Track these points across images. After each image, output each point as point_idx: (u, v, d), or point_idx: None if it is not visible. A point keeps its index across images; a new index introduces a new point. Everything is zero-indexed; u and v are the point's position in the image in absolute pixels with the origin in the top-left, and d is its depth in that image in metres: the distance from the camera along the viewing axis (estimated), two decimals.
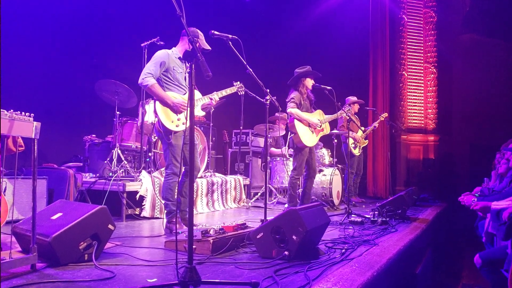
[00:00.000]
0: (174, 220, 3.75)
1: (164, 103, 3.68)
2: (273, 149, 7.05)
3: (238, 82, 4.34)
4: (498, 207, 2.53)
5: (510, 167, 3.71)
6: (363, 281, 2.28)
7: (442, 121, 9.44)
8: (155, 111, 3.73)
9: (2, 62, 2.72)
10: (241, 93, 4.38)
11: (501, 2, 8.92)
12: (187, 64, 3.93)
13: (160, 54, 3.75)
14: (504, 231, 2.37)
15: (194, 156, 2.21)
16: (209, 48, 3.86)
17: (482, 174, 6.18)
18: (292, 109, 4.99)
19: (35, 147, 2.39)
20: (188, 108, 2.07)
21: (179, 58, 3.85)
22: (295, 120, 5.01)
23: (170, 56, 3.77)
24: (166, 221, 3.85)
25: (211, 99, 4.04)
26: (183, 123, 3.76)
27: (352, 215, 4.58)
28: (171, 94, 3.75)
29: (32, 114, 2.37)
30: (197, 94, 3.97)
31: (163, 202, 3.96)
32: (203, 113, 3.98)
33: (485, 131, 8.83)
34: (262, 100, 4.11)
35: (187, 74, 3.92)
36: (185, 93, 3.87)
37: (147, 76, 3.62)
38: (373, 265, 2.62)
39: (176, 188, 3.84)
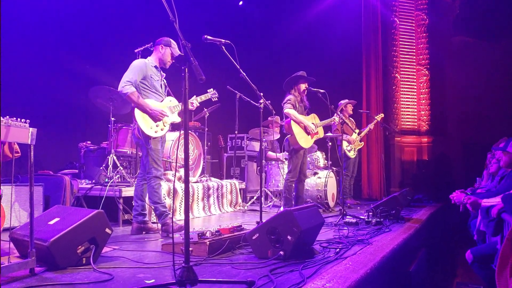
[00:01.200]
0: (168, 221, 3.81)
1: (143, 110, 3.81)
2: (270, 153, 7.10)
3: (212, 89, 4.54)
4: (487, 204, 2.59)
5: (501, 166, 3.77)
6: (357, 278, 2.32)
7: (435, 122, 9.54)
8: (134, 118, 3.85)
9: None
10: (215, 99, 4.59)
11: (490, 4, 9.06)
12: (162, 73, 4.10)
13: (138, 63, 3.91)
14: (493, 227, 2.43)
15: (188, 160, 2.25)
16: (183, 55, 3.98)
17: (476, 174, 6.26)
18: (289, 109, 5.06)
19: (32, 153, 2.42)
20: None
21: (155, 66, 4.00)
22: (292, 121, 5.08)
23: (147, 64, 3.93)
24: (161, 224, 3.91)
25: (192, 104, 4.20)
26: (161, 129, 3.91)
27: (347, 216, 4.64)
28: (149, 101, 3.88)
29: (28, 120, 2.40)
30: (174, 100, 4.11)
31: (152, 206, 4.05)
32: (179, 119, 4.07)
33: (478, 131, 8.94)
34: (256, 104, 4.17)
35: (163, 82, 4.09)
36: (162, 100, 4.02)
37: (127, 84, 3.76)
38: (366, 263, 2.66)
39: (160, 190, 3.95)
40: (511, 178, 3.08)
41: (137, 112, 3.81)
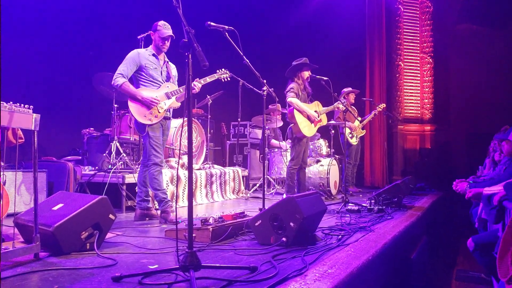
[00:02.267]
0: (168, 209, 3.86)
1: (135, 99, 3.85)
2: (274, 141, 7.10)
3: (222, 69, 4.32)
4: (489, 192, 2.60)
5: (504, 154, 3.77)
6: (358, 265, 2.34)
7: (438, 110, 9.51)
8: (128, 108, 3.89)
9: (1, 55, 2.75)
10: (225, 79, 4.33)
11: None
12: (165, 59, 4.11)
13: (130, 54, 3.95)
14: (495, 215, 2.43)
15: (192, 147, 2.25)
16: (172, 35, 3.98)
17: (479, 163, 6.26)
18: (292, 98, 5.05)
19: (35, 139, 2.42)
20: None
21: (153, 54, 4.01)
22: (295, 110, 5.07)
23: (141, 54, 3.95)
24: (160, 211, 3.96)
25: (193, 87, 4.08)
26: (155, 116, 3.90)
27: (349, 204, 4.65)
28: (141, 90, 3.90)
29: (31, 106, 2.40)
30: (171, 86, 4.09)
31: (152, 194, 4.11)
32: (178, 104, 4.07)
33: (481, 120, 8.91)
34: (259, 91, 4.15)
35: (164, 68, 4.08)
36: (159, 87, 4.01)
37: (118, 76, 3.85)
38: (368, 250, 2.68)
39: (161, 177, 3.98)
40: None
41: (130, 102, 3.86)
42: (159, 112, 3.92)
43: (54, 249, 2.54)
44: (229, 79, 4.40)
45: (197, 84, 4.12)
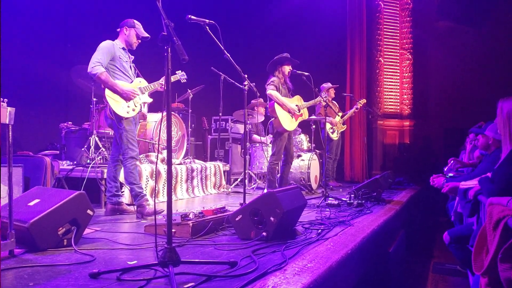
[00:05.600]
0: (144, 203, 3.82)
1: (114, 90, 3.80)
2: (255, 136, 7.10)
3: (180, 71, 4.56)
4: (465, 186, 2.66)
5: (478, 148, 3.85)
6: (337, 258, 2.37)
7: (417, 106, 9.67)
8: (105, 99, 3.83)
9: None
10: (183, 81, 4.60)
11: None
12: (130, 55, 4.10)
13: (105, 44, 3.88)
14: (470, 208, 2.49)
15: (171, 142, 2.23)
16: (148, 36, 4.06)
17: (456, 157, 6.39)
18: (271, 91, 5.04)
19: (10, 133, 2.36)
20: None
21: (123, 48, 4.00)
22: (275, 104, 5.07)
23: (115, 45, 3.93)
24: (136, 206, 3.90)
25: (161, 85, 4.17)
26: (133, 110, 3.90)
27: (329, 198, 4.70)
28: (119, 82, 3.87)
29: (5, 100, 2.34)
30: (143, 81, 4.13)
31: (128, 187, 4.06)
32: (150, 100, 4.11)
33: (459, 115, 9.10)
34: (241, 86, 4.14)
35: (132, 64, 4.09)
36: (131, 82, 4.01)
37: (96, 65, 3.74)
38: (347, 244, 2.72)
39: (136, 171, 3.94)
40: (487, 161, 3.15)
41: (108, 93, 3.79)
42: (135, 106, 3.92)
43: (30, 245, 2.49)
44: (185, 81, 4.62)
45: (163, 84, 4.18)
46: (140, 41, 4.05)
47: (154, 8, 2.27)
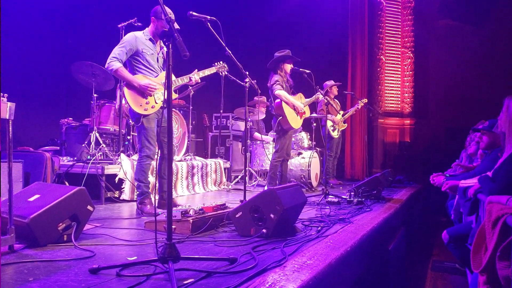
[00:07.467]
0: (146, 201, 3.79)
1: (131, 86, 3.64)
2: (256, 134, 7.09)
3: (221, 62, 4.23)
4: (465, 185, 2.66)
5: (480, 148, 3.85)
6: (337, 256, 2.37)
7: (418, 105, 9.66)
8: (124, 97, 3.70)
9: None
10: (223, 73, 4.29)
11: None
12: (161, 45, 3.86)
13: (127, 37, 3.71)
14: (469, 207, 2.49)
15: (172, 138, 2.24)
16: (178, 27, 3.83)
17: (457, 156, 6.39)
18: (279, 91, 5.05)
19: (10, 128, 2.36)
20: (166, 89, 2.09)
21: (150, 39, 3.78)
22: (283, 103, 5.08)
23: (139, 38, 3.71)
24: (138, 202, 3.87)
25: (190, 78, 3.93)
26: (152, 107, 3.71)
27: (329, 196, 4.70)
28: (138, 77, 3.69)
29: (5, 95, 2.33)
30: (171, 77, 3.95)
31: (135, 183, 3.94)
32: (176, 95, 3.93)
33: (460, 114, 9.09)
34: (242, 83, 4.13)
35: (160, 55, 3.87)
36: (156, 76, 3.81)
37: (112, 60, 3.60)
38: (347, 242, 2.72)
39: (149, 170, 3.87)
40: (487, 160, 3.15)
41: (126, 90, 3.65)
42: (156, 103, 3.71)
43: (30, 241, 2.49)
44: (227, 73, 4.29)
45: (195, 77, 3.95)
46: None
47: (156, 3, 2.26)
